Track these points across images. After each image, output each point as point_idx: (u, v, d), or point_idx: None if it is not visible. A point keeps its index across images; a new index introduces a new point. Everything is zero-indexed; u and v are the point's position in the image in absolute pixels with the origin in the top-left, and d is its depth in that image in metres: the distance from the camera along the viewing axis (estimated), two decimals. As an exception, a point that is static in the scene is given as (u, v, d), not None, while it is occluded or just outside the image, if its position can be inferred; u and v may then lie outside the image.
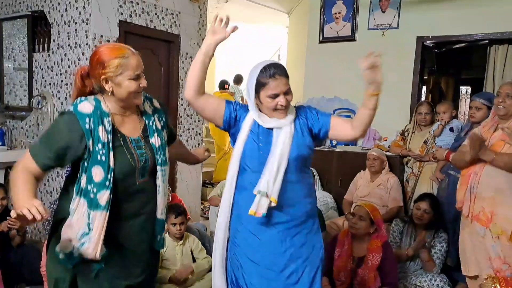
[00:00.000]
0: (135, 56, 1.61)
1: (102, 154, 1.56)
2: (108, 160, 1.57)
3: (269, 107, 1.84)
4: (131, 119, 1.71)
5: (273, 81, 1.81)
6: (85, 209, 1.57)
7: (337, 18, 4.86)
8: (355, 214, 2.88)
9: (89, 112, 1.57)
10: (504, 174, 2.40)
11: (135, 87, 1.61)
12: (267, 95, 1.82)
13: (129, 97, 1.63)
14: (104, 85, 1.59)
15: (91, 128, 1.55)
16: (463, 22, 4.20)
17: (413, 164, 3.85)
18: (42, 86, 3.92)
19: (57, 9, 3.76)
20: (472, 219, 2.51)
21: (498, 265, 2.41)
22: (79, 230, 1.58)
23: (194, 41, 4.64)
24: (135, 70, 1.60)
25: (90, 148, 1.55)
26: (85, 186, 1.57)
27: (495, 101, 2.55)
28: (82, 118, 1.55)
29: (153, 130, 1.73)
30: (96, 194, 1.56)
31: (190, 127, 4.73)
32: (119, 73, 1.57)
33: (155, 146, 1.72)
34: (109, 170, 1.57)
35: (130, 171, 1.64)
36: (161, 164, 1.72)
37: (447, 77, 7.34)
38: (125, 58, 1.58)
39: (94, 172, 1.56)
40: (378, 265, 2.78)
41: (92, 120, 1.56)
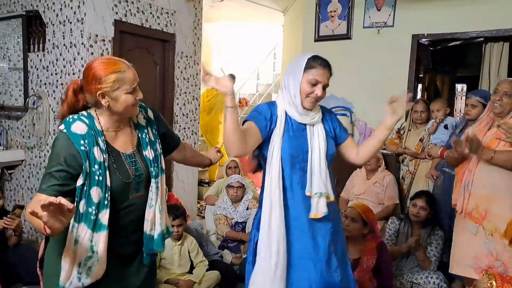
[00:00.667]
0: (130, 70, 1.60)
1: (100, 174, 1.53)
2: (105, 179, 1.54)
3: (305, 91, 1.85)
4: (124, 133, 1.68)
5: (321, 69, 1.86)
6: (88, 234, 1.53)
7: (333, 16, 4.87)
8: (347, 216, 2.88)
9: (83, 133, 1.54)
10: (498, 171, 2.40)
11: (132, 101, 1.59)
12: (309, 78, 1.85)
13: (126, 111, 1.61)
14: (100, 100, 1.56)
15: (87, 150, 1.53)
16: (458, 20, 4.21)
17: (409, 162, 3.86)
18: (37, 86, 3.90)
19: (52, 9, 3.75)
20: (465, 216, 2.52)
21: (490, 262, 2.42)
22: (81, 258, 1.55)
23: (190, 40, 4.63)
24: (131, 84, 1.58)
25: (87, 170, 1.51)
26: (85, 210, 1.53)
27: (492, 98, 2.55)
28: (76, 140, 1.52)
29: (146, 143, 1.71)
30: (97, 215, 1.53)
31: (186, 126, 4.73)
32: (116, 88, 1.55)
33: (149, 159, 1.69)
34: (106, 190, 1.54)
35: (124, 188, 1.62)
36: (155, 176, 1.69)
37: (442, 75, 7.34)
38: (121, 73, 1.56)
39: (93, 193, 1.52)
40: (373, 267, 2.78)
41: (87, 142, 1.53)
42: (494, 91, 2.55)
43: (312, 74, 1.85)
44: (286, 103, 1.91)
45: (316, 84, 1.85)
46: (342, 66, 4.75)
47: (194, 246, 3.17)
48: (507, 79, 2.60)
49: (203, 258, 3.17)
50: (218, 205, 3.95)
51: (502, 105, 2.47)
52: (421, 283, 2.98)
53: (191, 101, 4.76)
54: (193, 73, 4.74)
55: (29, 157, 3.99)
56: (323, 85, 1.87)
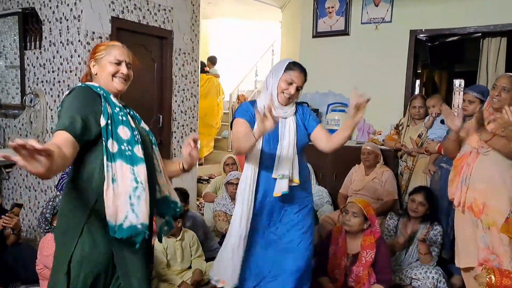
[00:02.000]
0: (121, 48, 1.80)
1: (122, 115, 1.67)
2: (128, 120, 1.68)
3: (281, 87, 2.22)
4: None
5: (297, 72, 2.23)
6: (128, 168, 1.60)
7: (330, 12, 4.86)
8: (348, 211, 2.88)
9: (97, 85, 1.72)
10: (497, 166, 2.41)
11: (114, 70, 1.75)
12: (286, 78, 2.21)
13: (108, 80, 1.75)
14: (91, 68, 1.78)
15: (105, 96, 1.68)
16: (456, 15, 4.21)
17: (407, 157, 3.86)
18: (34, 84, 3.89)
19: (48, 6, 3.73)
20: (465, 210, 2.53)
21: (486, 255, 2.44)
22: (128, 190, 1.59)
23: (187, 37, 4.62)
24: (116, 56, 1.76)
25: (109, 111, 1.63)
26: (118, 148, 1.60)
27: (490, 93, 2.55)
28: (94, 88, 1.69)
29: (139, 119, 1.87)
30: (132, 150, 1.63)
31: (185, 123, 4.72)
32: (102, 55, 1.76)
33: (145, 129, 1.85)
34: (133, 129, 1.68)
35: (146, 137, 1.78)
36: (155, 144, 1.86)
37: (440, 71, 7.35)
38: (110, 46, 1.79)
39: (121, 132, 1.63)
40: (372, 262, 2.78)
41: (103, 91, 1.70)
42: (493, 86, 2.55)
43: (289, 75, 2.22)
44: (265, 100, 2.22)
45: (292, 83, 2.21)
46: (340, 62, 4.77)
47: (195, 240, 3.19)
48: (505, 74, 2.59)
49: (201, 252, 3.20)
50: (217, 202, 3.94)
51: (501, 100, 2.47)
52: (420, 278, 2.99)
53: (189, 98, 4.75)
54: (191, 70, 4.73)
55: (27, 155, 3.98)
56: (297, 86, 2.23)
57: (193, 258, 3.16)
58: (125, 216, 1.57)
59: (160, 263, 2.97)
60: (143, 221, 1.60)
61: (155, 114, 4.41)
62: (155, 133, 4.56)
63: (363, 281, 2.78)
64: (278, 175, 2.21)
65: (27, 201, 3.96)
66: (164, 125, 4.48)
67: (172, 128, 4.55)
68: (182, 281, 3.00)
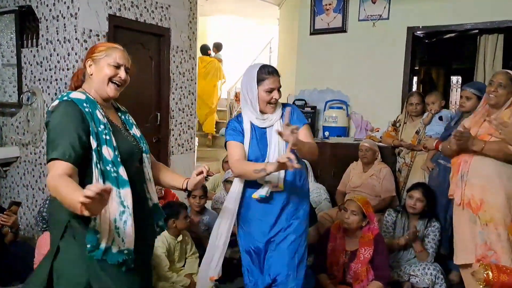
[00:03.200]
0: (121, 51, 1.75)
1: (106, 134, 1.61)
2: (112, 139, 1.62)
3: (265, 100, 2.15)
4: (111, 111, 1.80)
5: (271, 78, 2.15)
6: (114, 191, 1.56)
7: (328, 9, 4.86)
8: (347, 209, 2.88)
9: (83, 98, 1.64)
10: (493, 162, 2.42)
11: (112, 73, 1.70)
12: (265, 89, 2.14)
13: (104, 82, 1.70)
14: (87, 67, 1.71)
15: (91, 112, 1.61)
16: (453, 12, 4.21)
17: (405, 154, 3.87)
18: (31, 82, 3.88)
19: (45, 4, 3.72)
20: (464, 207, 2.54)
21: (484, 251, 2.44)
22: (115, 214, 1.57)
23: (185, 35, 4.61)
24: (116, 60, 1.71)
25: (95, 130, 1.59)
26: (104, 169, 1.58)
27: (487, 90, 2.55)
28: (80, 103, 1.61)
29: (131, 123, 1.84)
30: (117, 171, 1.60)
31: (182, 121, 4.71)
32: (102, 56, 1.70)
33: (137, 136, 1.81)
34: (115, 149, 1.62)
35: (132, 151, 1.72)
36: (146, 151, 1.81)
37: (438, 67, 7.36)
38: (111, 48, 1.73)
39: (105, 152, 1.59)
40: (370, 259, 2.79)
41: (88, 105, 1.63)
42: (489, 83, 2.55)
43: (266, 85, 2.14)
44: (249, 113, 2.22)
45: (272, 91, 2.15)
46: (337, 59, 4.77)
47: (189, 239, 3.21)
48: (501, 70, 2.59)
49: (195, 250, 3.21)
50: (216, 200, 3.95)
51: (497, 96, 2.47)
52: (418, 275, 3.00)
53: (187, 95, 4.74)
54: (189, 67, 4.72)
55: (24, 154, 3.97)
56: (277, 88, 2.17)
57: (188, 256, 3.17)
58: (112, 241, 1.57)
59: (164, 266, 2.98)
60: (128, 247, 1.59)
61: (152, 112, 4.40)
62: (152, 131, 4.58)
63: (361, 278, 2.79)
64: (265, 181, 2.17)
65: (24, 200, 3.95)
66: (161, 123, 4.47)
67: (170, 126, 4.54)
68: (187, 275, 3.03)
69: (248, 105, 2.21)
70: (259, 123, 2.23)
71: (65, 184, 1.44)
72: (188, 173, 5.12)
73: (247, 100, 2.19)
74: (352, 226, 2.86)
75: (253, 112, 2.20)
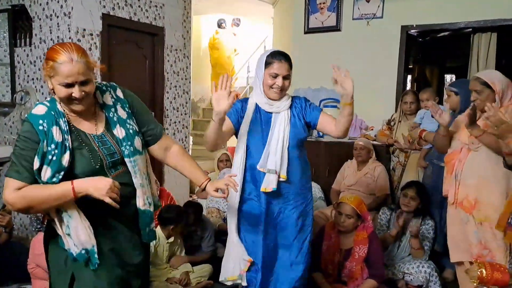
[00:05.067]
0: (69, 64, 1.51)
1: (54, 154, 1.53)
2: (60, 160, 1.54)
3: (267, 84, 2.18)
4: (88, 116, 1.67)
5: (278, 63, 2.16)
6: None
7: (322, 8, 4.86)
8: (342, 212, 2.88)
9: (42, 114, 1.56)
10: (488, 161, 2.43)
11: (64, 94, 1.55)
12: (269, 72, 2.17)
13: (64, 101, 1.59)
14: (48, 82, 1.58)
15: (45, 130, 1.54)
16: (446, 11, 4.23)
17: (399, 153, 3.89)
18: (25, 81, 3.85)
19: (38, 3, 3.69)
20: (457, 206, 2.55)
21: (479, 250, 2.46)
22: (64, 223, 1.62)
23: (179, 33, 4.60)
24: (64, 78, 1.52)
25: (44, 149, 1.53)
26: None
27: (471, 97, 2.57)
28: (35, 121, 1.54)
29: (115, 122, 1.68)
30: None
31: (177, 120, 4.70)
32: (51, 75, 1.54)
33: (118, 138, 1.67)
34: (58, 169, 1.54)
35: (91, 170, 1.60)
36: (128, 155, 1.67)
37: (431, 66, 7.38)
38: (57, 63, 1.51)
39: (43, 173, 1.54)
40: (365, 257, 2.80)
41: (45, 122, 1.55)
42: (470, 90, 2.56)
43: (271, 68, 2.17)
44: (257, 96, 2.25)
45: (276, 76, 2.16)
46: (331, 58, 4.76)
47: (180, 244, 3.24)
48: (473, 76, 2.60)
49: (183, 252, 3.23)
50: (211, 199, 3.95)
51: (479, 102, 2.48)
52: (413, 273, 3.01)
53: (181, 95, 4.73)
54: (183, 66, 4.72)
55: (18, 154, 3.95)
56: (283, 76, 2.17)
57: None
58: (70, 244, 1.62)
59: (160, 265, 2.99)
60: (84, 247, 1.61)
61: (147, 111, 4.39)
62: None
63: (356, 276, 2.80)
64: (266, 170, 2.18)
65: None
66: (156, 122, 4.46)
67: (164, 125, 4.53)
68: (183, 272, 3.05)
69: (257, 87, 2.24)
70: (266, 107, 2.24)
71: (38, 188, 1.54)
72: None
73: (257, 82, 2.23)
74: (349, 229, 2.87)
75: (261, 95, 2.23)
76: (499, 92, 2.42)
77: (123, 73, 3.88)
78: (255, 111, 2.25)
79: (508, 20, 3.96)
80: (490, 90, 2.44)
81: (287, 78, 2.19)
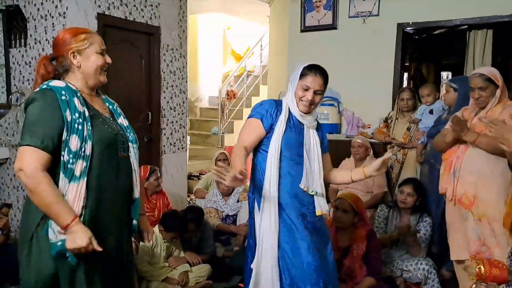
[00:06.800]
0: (97, 35, 1.72)
1: (79, 123, 1.56)
2: (83, 129, 1.57)
3: (298, 95, 2.13)
4: (98, 100, 1.76)
5: (312, 77, 2.11)
6: (65, 184, 1.55)
7: (318, 6, 4.86)
8: (338, 208, 2.89)
9: (63, 86, 1.61)
10: (486, 158, 2.43)
11: (102, 62, 1.68)
12: (301, 84, 2.12)
13: (96, 72, 1.68)
14: (72, 60, 1.65)
15: (67, 100, 1.57)
16: (442, 8, 4.23)
17: (397, 151, 3.89)
18: (20, 82, 3.83)
19: (32, 3, 3.67)
20: (456, 203, 2.56)
21: (478, 247, 2.47)
22: None
23: (175, 33, 4.59)
24: (100, 45, 1.68)
25: (68, 119, 1.55)
26: (67, 159, 1.54)
27: (471, 95, 2.56)
28: (58, 91, 1.57)
29: (119, 113, 1.81)
30: (73, 164, 1.54)
31: (174, 120, 4.69)
32: (87, 46, 1.65)
33: (123, 125, 1.78)
34: (85, 139, 1.56)
35: (111, 139, 1.67)
36: (132, 141, 1.77)
37: (428, 63, 7.41)
38: (90, 34, 1.69)
39: (71, 142, 1.54)
40: (363, 255, 2.80)
41: (67, 92, 1.59)
42: (471, 89, 2.54)
43: (305, 81, 2.11)
44: (290, 103, 2.17)
45: (308, 89, 2.11)
46: (328, 56, 4.77)
47: (179, 244, 3.22)
48: (474, 74, 2.56)
49: (181, 254, 3.21)
50: (208, 199, 3.94)
51: (484, 99, 2.48)
52: (411, 270, 3.02)
53: (178, 94, 4.72)
54: (180, 66, 4.70)
55: (14, 155, 3.92)
56: (314, 90, 2.11)
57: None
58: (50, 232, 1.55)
59: (144, 260, 2.98)
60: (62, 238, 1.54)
61: (143, 111, 4.37)
62: (144, 130, 4.54)
63: (354, 274, 2.81)
64: (311, 191, 2.14)
65: (15, 201, 3.91)
66: (153, 122, 4.45)
67: (161, 125, 4.52)
68: (182, 272, 3.04)
69: (290, 96, 2.18)
70: (298, 117, 2.17)
71: (54, 192, 1.51)
72: (181, 172, 5.13)
73: (290, 90, 2.18)
74: (345, 225, 2.87)
75: (293, 104, 2.17)
76: (502, 87, 2.43)
77: (119, 73, 3.87)
78: (289, 116, 2.18)
79: (504, 16, 3.96)
80: (494, 86, 2.44)
81: (319, 94, 2.14)
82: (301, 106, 2.14)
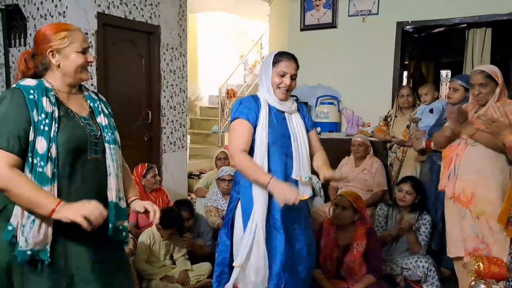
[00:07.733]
0: (80, 32, 1.64)
1: (45, 124, 1.50)
2: (50, 130, 1.51)
3: (275, 82, 2.14)
4: (77, 98, 1.69)
5: (286, 62, 2.15)
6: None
7: (318, 5, 4.86)
8: (338, 205, 2.90)
9: (33, 85, 1.55)
10: (485, 155, 2.44)
11: (82, 61, 1.61)
12: (277, 71, 2.14)
13: (76, 71, 1.61)
14: (50, 59, 1.58)
15: (35, 99, 1.51)
16: (441, 7, 4.24)
17: (396, 149, 3.90)
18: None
19: (32, 2, 3.68)
20: (454, 200, 2.57)
21: (476, 244, 2.47)
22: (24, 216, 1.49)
23: (175, 32, 4.59)
24: (82, 44, 1.61)
25: (34, 119, 1.49)
26: (34, 162, 1.49)
27: (471, 92, 2.57)
28: (26, 90, 1.52)
29: (99, 111, 1.72)
30: (43, 167, 1.49)
31: (174, 119, 4.70)
32: (66, 45, 1.58)
33: (101, 124, 1.69)
34: (51, 141, 1.50)
35: (78, 141, 1.58)
36: (109, 142, 1.67)
37: (427, 62, 7.40)
38: (70, 31, 1.60)
39: (37, 144, 1.48)
40: (363, 252, 2.81)
41: (36, 92, 1.53)
42: (471, 85, 2.55)
43: (279, 67, 2.14)
44: (266, 94, 2.18)
45: (284, 75, 2.14)
46: (328, 54, 4.78)
47: (178, 241, 3.21)
48: (476, 70, 2.56)
49: (185, 251, 3.21)
50: (209, 197, 3.94)
51: (484, 96, 2.49)
52: (411, 268, 3.02)
53: (178, 93, 4.73)
54: (180, 65, 4.71)
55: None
56: (291, 75, 2.15)
57: (177, 258, 3.17)
58: (20, 238, 1.48)
59: (142, 258, 2.99)
60: (33, 247, 1.48)
61: (143, 110, 4.38)
62: (144, 129, 4.54)
63: (355, 272, 2.81)
64: (305, 178, 2.13)
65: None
66: (153, 121, 4.46)
67: (161, 124, 4.53)
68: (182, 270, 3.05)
69: (264, 87, 2.19)
70: (277, 106, 2.18)
71: (29, 185, 1.45)
72: (182, 172, 5.13)
73: (264, 84, 2.18)
74: (345, 222, 2.88)
75: (270, 95, 2.17)
76: (501, 86, 2.44)
77: (119, 72, 3.88)
78: (268, 109, 2.17)
79: (503, 15, 3.97)
80: (494, 83, 2.45)
81: (294, 79, 2.17)
82: (279, 93, 2.16)
